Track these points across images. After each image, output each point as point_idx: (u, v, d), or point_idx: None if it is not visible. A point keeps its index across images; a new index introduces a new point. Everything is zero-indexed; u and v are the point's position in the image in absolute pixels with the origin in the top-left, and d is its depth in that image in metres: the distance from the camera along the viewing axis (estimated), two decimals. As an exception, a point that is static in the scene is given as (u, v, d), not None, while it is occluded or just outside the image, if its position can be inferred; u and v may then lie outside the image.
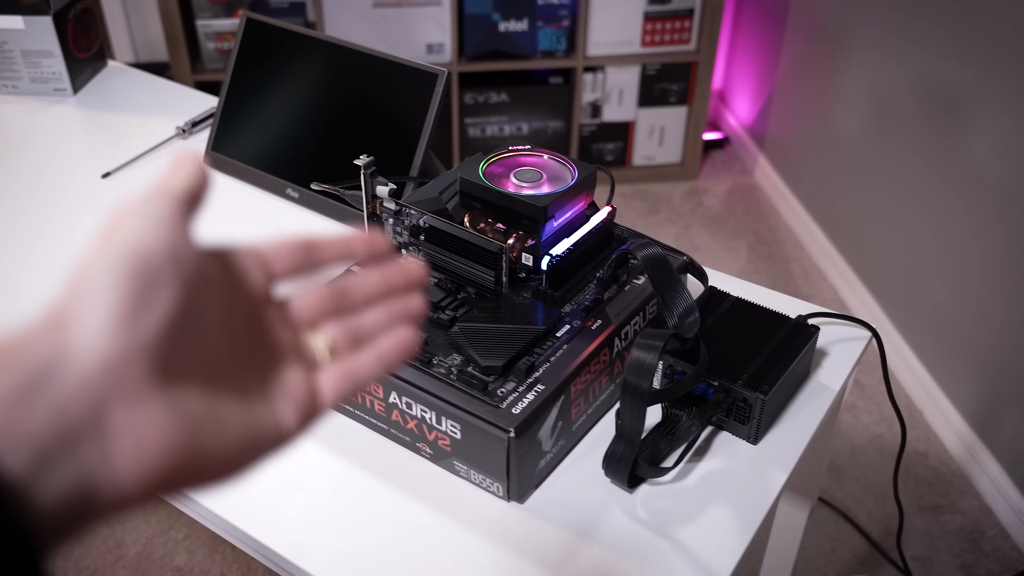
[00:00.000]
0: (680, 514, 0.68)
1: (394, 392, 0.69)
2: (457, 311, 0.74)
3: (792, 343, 0.76)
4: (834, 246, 2.15)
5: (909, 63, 1.79)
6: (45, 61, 1.30)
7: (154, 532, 1.50)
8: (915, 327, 1.82)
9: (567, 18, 2.29)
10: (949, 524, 1.53)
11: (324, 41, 1.06)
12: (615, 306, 0.76)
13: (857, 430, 1.71)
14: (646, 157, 2.55)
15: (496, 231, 0.77)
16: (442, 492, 0.70)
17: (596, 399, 0.74)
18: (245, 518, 0.68)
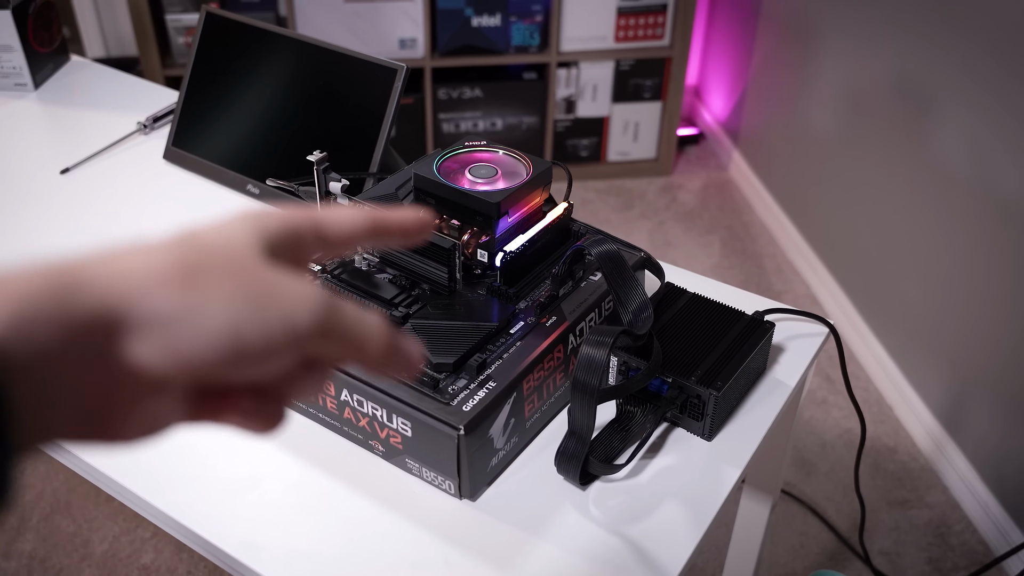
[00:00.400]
0: (632, 511, 0.67)
1: (345, 390, 0.69)
2: (411, 308, 0.73)
3: (747, 339, 0.76)
4: (806, 242, 2.16)
5: (880, 58, 1.80)
6: (5, 55, 1.28)
7: (121, 530, 1.49)
8: (885, 322, 1.83)
9: (540, 13, 2.28)
10: (917, 518, 1.54)
11: (284, 36, 1.05)
12: (570, 303, 0.76)
13: (827, 425, 1.72)
14: (620, 153, 2.56)
15: (451, 227, 0.77)
16: (395, 490, 0.69)
17: (550, 396, 0.74)
18: (194, 517, 0.67)
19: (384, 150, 0.97)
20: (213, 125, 1.10)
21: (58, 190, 1.08)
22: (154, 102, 1.27)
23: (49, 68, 1.36)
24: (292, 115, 1.04)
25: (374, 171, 0.97)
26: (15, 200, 1.06)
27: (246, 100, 1.08)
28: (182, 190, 1.08)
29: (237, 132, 1.08)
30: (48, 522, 1.50)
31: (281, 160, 1.04)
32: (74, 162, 1.12)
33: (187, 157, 1.10)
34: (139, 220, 1.02)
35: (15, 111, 1.27)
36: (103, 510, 1.52)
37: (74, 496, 1.54)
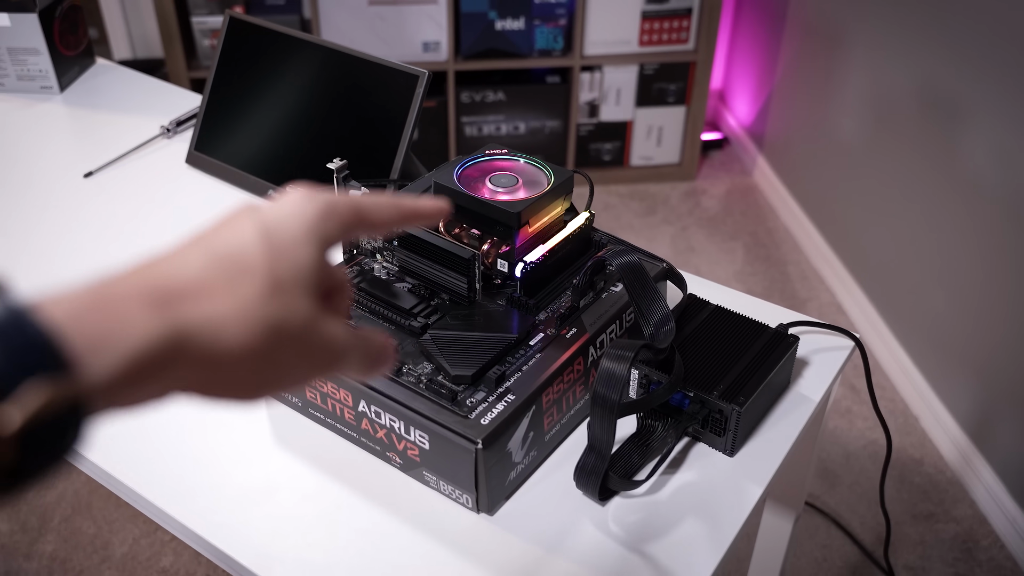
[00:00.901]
0: (653, 528, 0.66)
1: (363, 401, 0.68)
2: (429, 318, 0.72)
3: (771, 353, 0.75)
4: (832, 249, 2.14)
5: (907, 64, 1.78)
6: (31, 59, 1.29)
7: (141, 533, 1.49)
8: (912, 332, 1.80)
9: (564, 17, 2.27)
10: (943, 533, 1.51)
11: (307, 41, 1.04)
12: (591, 314, 0.75)
13: (851, 435, 1.69)
14: (644, 157, 2.54)
15: (471, 237, 0.76)
16: (411, 502, 0.68)
17: (570, 409, 0.73)
18: (209, 527, 0.67)
19: (405, 157, 0.97)
20: (235, 129, 1.10)
21: (82, 193, 1.08)
22: (178, 105, 1.28)
23: (75, 71, 1.36)
24: (314, 120, 1.04)
25: (395, 178, 0.96)
26: (40, 203, 1.06)
27: (268, 105, 1.08)
28: (204, 194, 1.08)
29: (259, 137, 1.08)
30: (69, 523, 1.51)
31: (303, 165, 1.03)
32: (98, 166, 1.12)
33: (209, 161, 1.10)
34: (162, 224, 1.02)
35: (40, 114, 1.27)
36: (124, 512, 1.52)
37: (95, 497, 1.55)
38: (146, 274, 0.33)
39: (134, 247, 0.98)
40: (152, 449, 0.73)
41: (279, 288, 0.35)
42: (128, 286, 0.32)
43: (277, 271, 0.35)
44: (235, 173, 1.08)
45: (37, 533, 1.49)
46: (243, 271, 0.35)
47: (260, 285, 0.35)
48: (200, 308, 0.33)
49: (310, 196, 0.38)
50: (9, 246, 0.99)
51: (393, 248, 0.77)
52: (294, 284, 0.36)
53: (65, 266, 0.96)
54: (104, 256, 0.97)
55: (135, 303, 0.32)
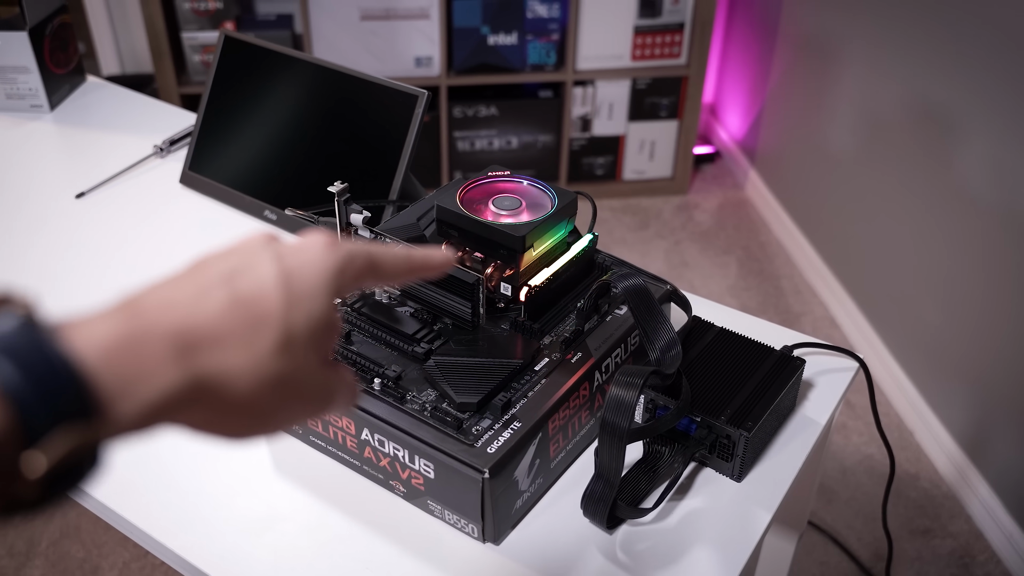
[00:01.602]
0: (661, 556, 0.65)
1: (366, 428, 0.67)
2: (433, 343, 0.71)
3: (777, 376, 0.74)
4: (825, 263, 2.14)
5: (900, 78, 1.78)
6: (21, 77, 1.28)
7: (131, 556, 1.47)
8: (906, 345, 1.80)
9: (557, 32, 2.27)
10: (940, 548, 1.51)
11: (304, 61, 1.04)
12: (596, 338, 0.74)
13: (847, 451, 1.69)
14: (636, 171, 2.54)
15: (474, 260, 0.75)
16: (416, 532, 0.67)
17: (576, 435, 0.72)
18: (209, 559, 0.66)
19: (404, 177, 0.96)
20: (230, 149, 1.08)
21: (74, 215, 1.07)
22: (170, 124, 1.26)
23: (65, 89, 1.35)
24: (310, 140, 1.03)
25: (394, 198, 0.95)
26: (31, 225, 1.05)
27: (264, 124, 1.07)
28: (199, 215, 1.06)
29: (255, 157, 1.07)
30: (57, 548, 1.48)
31: (299, 186, 1.02)
32: (90, 186, 1.11)
33: (204, 181, 1.09)
34: (157, 246, 1.01)
35: (31, 133, 1.26)
36: (113, 535, 1.50)
37: (84, 521, 1.52)
38: (173, 316, 0.34)
39: (129, 270, 0.97)
40: (149, 479, 0.72)
41: (290, 343, 0.36)
42: (157, 328, 0.33)
43: (291, 324, 0.36)
44: (231, 193, 1.07)
45: (25, 558, 1.47)
46: (260, 321, 0.36)
47: (274, 338, 0.36)
48: (217, 359, 0.34)
49: (331, 247, 0.39)
50: (3, 267, 0.97)
51: (395, 272, 0.76)
52: (305, 339, 0.37)
53: (59, 290, 0.94)
54: (99, 279, 0.96)
55: (162, 348, 0.33)
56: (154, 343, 0.33)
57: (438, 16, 2.20)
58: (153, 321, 0.33)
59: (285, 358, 0.36)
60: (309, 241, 0.39)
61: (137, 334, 0.33)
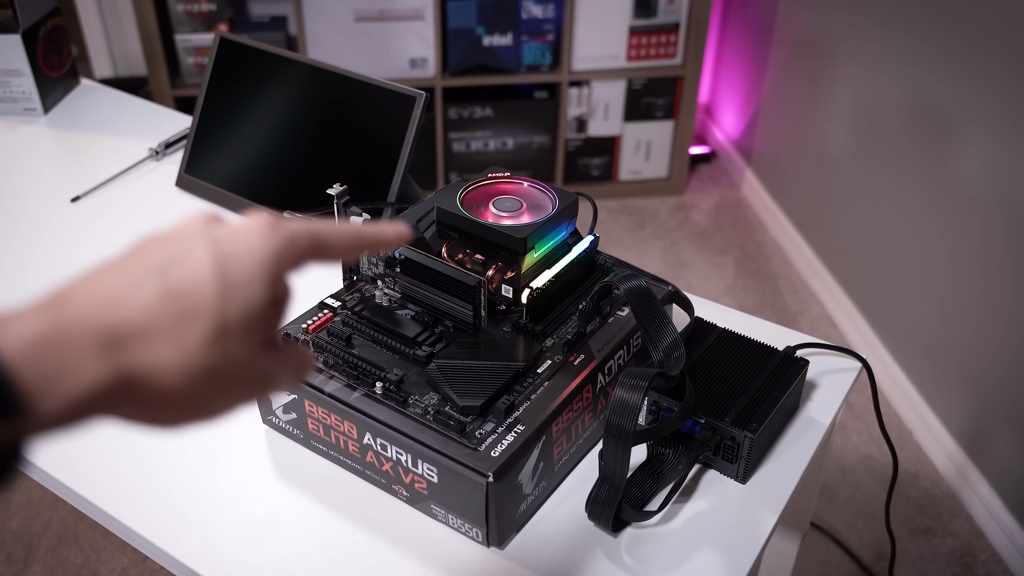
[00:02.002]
0: (667, 559, 0.65)
1: (368, 433, 0.67)
2: (434, 346, 0.71)
3: (781, 377, 0.74)
4: (822, 262, 2.14)
5: (896, 77, 1.78)
6: (14, 80, 1.27)
7: (129, 562, 1.46)
8: (904, 344, 1.80)
9: (552, 32, 2.27)
10: (941, 547, 1.51)
11: (300, 63, 1.03)
12: (598, 340, 0.73)
13: (847, 451, 1.69)
14: (632, 172, 2.54)
15: (475, 262, 0.75)
16: (419, 537, 0.67)
17: (579, 437, 0.71)
18: (210, 566, 0.65)
19: (402, 179, 0.95)
20: (227, 152, 1.08)
21: (69, 219, 1.06)
22: (165, 126, 1.26)
23: (59, 92, 1.34)
24: (307, 142, 1.02)
25: (392, 200, 0.95)
26: (26, 229, 1.04)
27: (260, 127, 1.06)
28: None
29: (251, 159, 1.06)
30: (56, 553, 1.47)
31: (297, 188, 1.02)
32: (85, 190, 1.10)
33: (200, 184, 1.08)
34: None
35: (25, 137, 1.25)
36: (111, 540, 1.49)
37: (82, 526, 1.51)
38: (101, 310, 0.33)
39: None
40: (150, 485, 0.71)
41: (224, 334, 0.35)
42: (83, 323, 0.33)
43: (225, 314, 0.35)
44: (227, 196, 1.06)
45: (23, 564, 1.46)
46: (192, 313, 0.34)
47: (205, 331, 0.35)
48: (145, 353, 0.33)
49: (272, 229, 0.38)
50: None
51: (395, 275, 0.75)
52: (239, 328, 0.36)
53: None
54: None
55: (87, 344, 0.32)
56: (79, 339, 0.32)
57: (433, 17, 2.20)
58: (80, 316, 0.33)
59: (217, 349, 0.35)
60: (250, 224, 0.38)
61: (62, 330, 0.32)
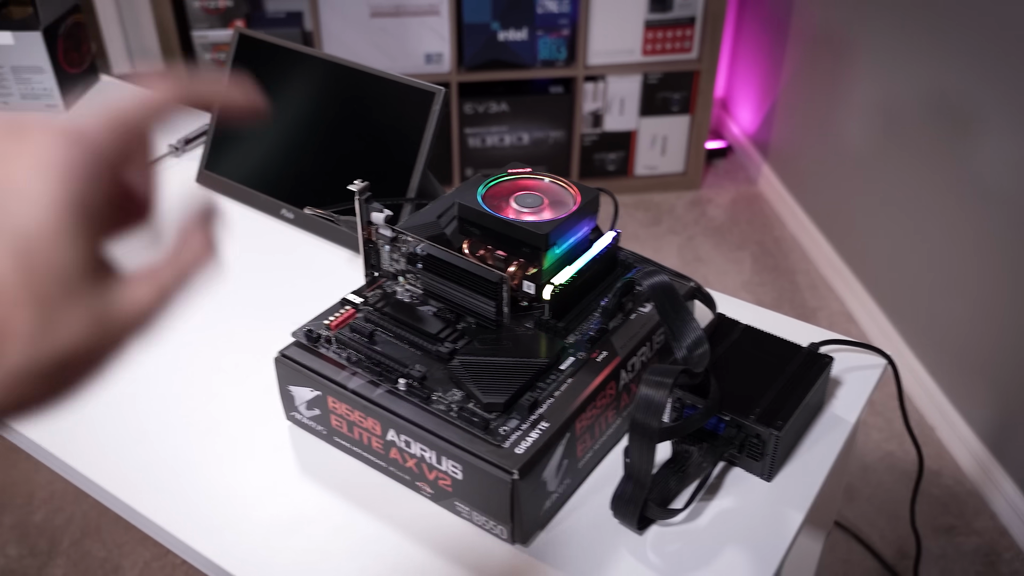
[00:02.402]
0: (693, 557, 0.64)
1: (392, 429, 0.66)
2: (457, 343, 0.70)
3: (806, 374, 0.73)
4: (841, 258, 2.12)
5: (916, 72, 1.76)
6: (36, 77, 1.27)
7: (152, 556, 1.47)
8: (925, 341, 1.79)
9: (567, 27, 2.26)
10: (964, 546, 1.49)
11: (319, 58, 1.03)
12: (621, 336, 0.73)
13: (868, 448, 1.68)
14: (648, 167, 2.53)
15: (496, 258, 0.74)
16: (443, 534, 0.66)
17: (602, 434, 0.71)
18: (235, 561, 0.65)
19: (422, 175, 0.95)
20: (246, 148, 1.08)
21: (90, 216, 1.06)
22: (184, 123, 1.26)
23: (79, 88, 1.35)
24: (326, 138, 1.02)
25: (411, 196, 0.95)
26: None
27: (280, 123, 1.06)
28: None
29: (270, 155, 1.06)
30: (79, 547, 1.48)
31: (316, 184, 1.02)
32: (106, 186, 1.10)
33: (220, 180, 1.09)
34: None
35: (45, 134, 1.25)
36: (134, 535, 1.50)
37: (104, 520, 1.52)
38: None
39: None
40: (174, 481, 0.71)
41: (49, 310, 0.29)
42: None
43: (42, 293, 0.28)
44: (247, 192, 1.06)
45: (47, 557, 1.47)
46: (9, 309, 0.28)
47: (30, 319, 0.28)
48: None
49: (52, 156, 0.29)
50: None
51: (417, 271, 0.75)
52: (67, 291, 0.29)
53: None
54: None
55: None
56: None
57: (448, 12, 2.19)
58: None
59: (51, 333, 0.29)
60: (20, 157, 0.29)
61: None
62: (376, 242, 0.77)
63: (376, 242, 0.77)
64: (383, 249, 0.77)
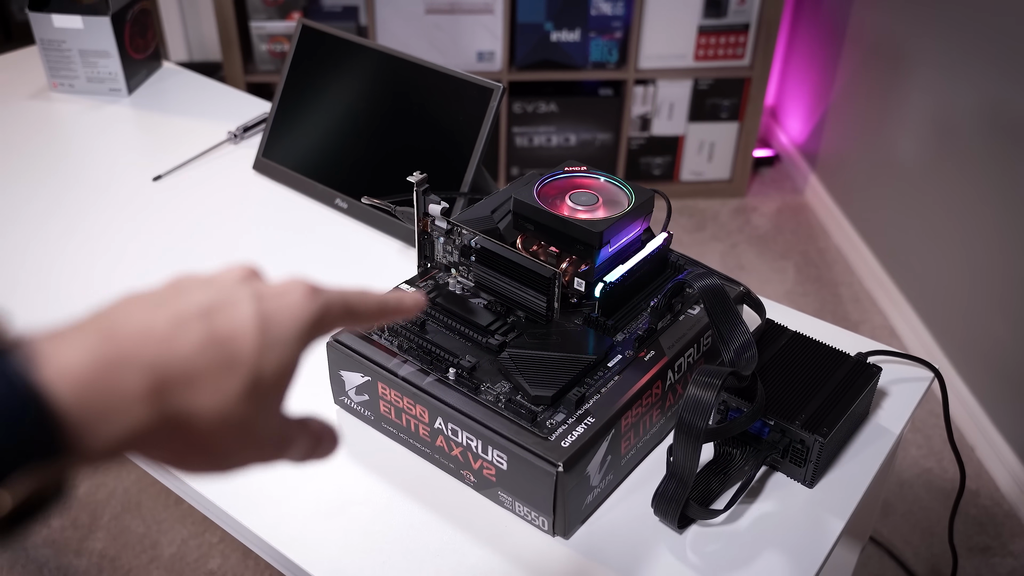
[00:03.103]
0: (732, 559, 0.65)
1: (440, 417, 0.68)
2: (507, 336, 0.72)
3: (853, 383, 0.73)
4: (886, 271, 2.10)
5: (972, 85, 1.74)
6: (102, 61, 1.31)
7: (189, 534, 1.50)
8: (969, 359, 1.76)
9: (620, 29, 2.27)
10: (999, 567, 1.47)
11: (379, 51, 1.05)
12: (669, 337, 0.74)
13: (906, 464, 1.66)
14: (694, 173, 2.52)
15: (549, 254, 0.75)
16: (485, 522, 0.68)
17: (646, 433, 0.72)
18: (282, 538, 0.67)
19: (476, 170, 0.96)
20: (303, 137, 1.10)
21: (151, 197, 1.09)
22: (242, 111, 1.28)
23: (143, 74, 1.38)
24: (383, 130, 1.04)
25: (465, 191, 0.96)
26: (109, 205, 1.07)
27: (338, 113, 1.08)
28: (271, 201, 1.08)
29: (327, 145, 1.08)
30: (119, 521, 1.52)
31: (371, 175, 1.03)
32: (166, 169, 1.13)
33: (277, 168, 1.11)
34: (230, 230, 1.03)
35: (109, 116, 1.29)
36: (172, 512, 1.53)
37: (145, 496, 1.56)
38: (149, 347, 0.33)
39: (203, 252, 0.99)
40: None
41: (257, 390, 0.36)
42: (132, 360, 0.32)
43: (261, 371, 0.36)
44: (303, 181, 1.08)
45: (87, 530, 1.50)
46: (232, 363, 0.35)
47: (242, 383, 0.35)
48: (187, 398, 0.33)
49: (312, 296, 0.38)
50: (82, 247, 1.00)
51: (470, 263, 0.76)
52: (272, 386, 0.36)
53: (135, 269, 0.96)
54: (174, 260, 0.98)
55: (136, 385, 0.32)
56: (128, 377, 0.32)
57: (502, 11, 2.21)
58: (128, 351, 0.32)
59: (249, 405, 0.35)
60: (290, 287, 0.38)
61: (112, 366, 0.32)
62: (431, 233, 0.78)
63: (431, 233, 0.78)
64: (437, 241, 0.78)
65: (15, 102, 1.32)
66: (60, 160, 1.17)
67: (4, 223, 1.03)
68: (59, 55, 1.30)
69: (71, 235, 1.02)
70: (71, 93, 1.34)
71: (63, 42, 1.29)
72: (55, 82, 1.33)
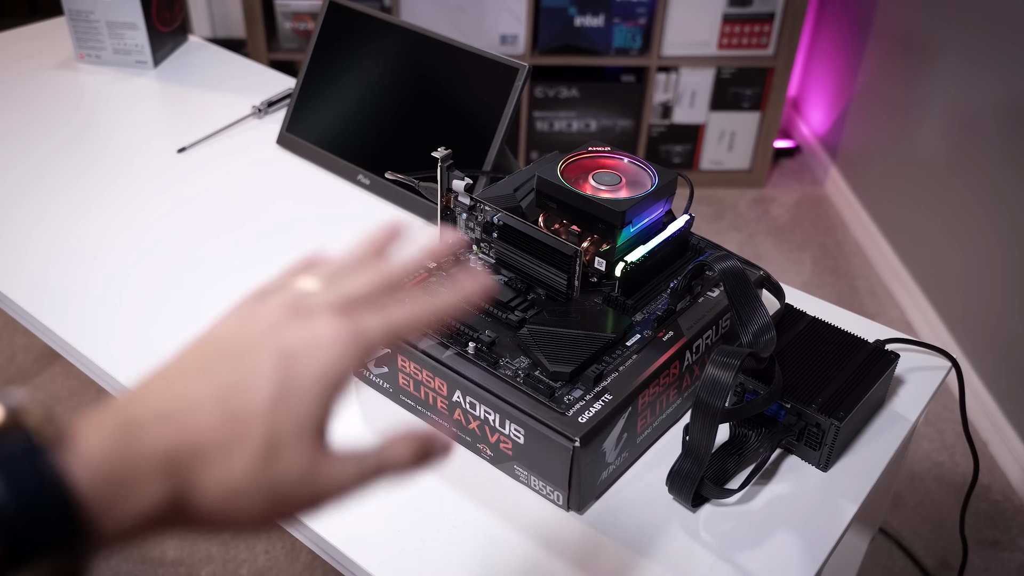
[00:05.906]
0: (745, 539, 0.66)
1: (458, 391, 0.68)
2: (527, 312, 0.72)
3: (870, 369, 0.73)
4: (904, 265, 2.09)
5: (997, 80, 1.73)
6: (129, 33, 1.32)
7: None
8: (984, 354, 1.76)
9: (644, 16, 2.26)
10: (1009, 561, 1.48)
11: (405, 28, 1.05)
12: (688, 318, 0.74)
13: (918, 456, 1.66)
14: (714, 161, 2.51)
15: (571, 233, 0.76)
16: (501, 496, 0.68)
17: (663, 412, 0.72)
18: (301, 506, 0.68)
19: (499, 149, 0.96)
20: (328, 112, 1.11)
21: (175, 168, 1.10)
22: (267, 86, 1.29)
23: (168, 47, 1.39)
24: (407, 108, 1.04)
25: (487, 170, 0.96)
26: (134, 175, 1.08)
27: (362, 90, 1.08)
28: (294, 176, 1.09)
29: (351, 121, 1.09)
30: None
31: (394, 152, 1.04)
32: (191, 142, 1.14)
33: (300, 143, 1.11)
34: (253, 203, 1.04)
35: (135, 88, 1.30)
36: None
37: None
38: (167, 431, 0.34)
39: (225, 224, 1.00)
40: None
41: (273, 451, 0.35)
42: (150, 445, 0.33)
43: (276, 430, 0.35)
44: (326, 156, 1.09)
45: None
46: (243, 433, 0.34)
47: (254, 452, 0.34)
48: (202, 473, 0.34)
49: (344, 337, 0.37)
50: (106, 215, 1.01)
51: (492, 240, 0.77)
52: (291, 439, 0.35)
53: (158, 239, 0.97)
54: (197, 232, 0.98)
55: (152, 466, 0.33)
56: (147, 461, 0.33)
57: (526, -6, 2.20)
58: (147, 437, 0.33)
59: (266, 471, 0.35)
60: (327, 335, 0.37)
61: (129, 452, 0.32)
62: (454, 210, 0.79)
63: (454, 210, 0.79)
64: (460, 217, 0.79)
65: (42, 72, 1.33)
66: (85, 130, 1.18)
67: (30, 191, 1.05)
68: (87, 26, 1.31)
69: (95, 204, 1.03)
70: (97, 64, 1.35)
71: (91, 13, 1.30)
72: (82, 53, 1.34)
